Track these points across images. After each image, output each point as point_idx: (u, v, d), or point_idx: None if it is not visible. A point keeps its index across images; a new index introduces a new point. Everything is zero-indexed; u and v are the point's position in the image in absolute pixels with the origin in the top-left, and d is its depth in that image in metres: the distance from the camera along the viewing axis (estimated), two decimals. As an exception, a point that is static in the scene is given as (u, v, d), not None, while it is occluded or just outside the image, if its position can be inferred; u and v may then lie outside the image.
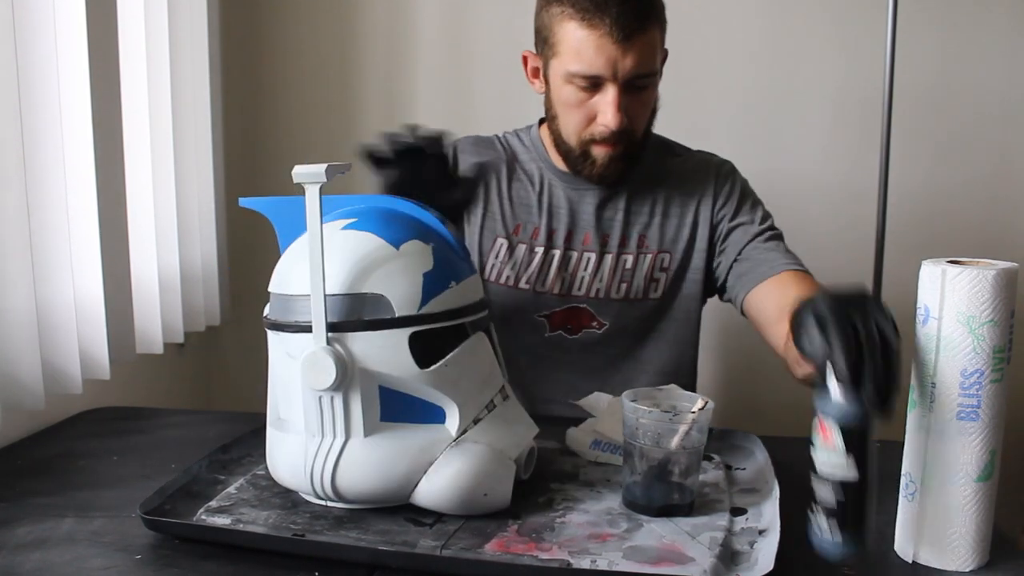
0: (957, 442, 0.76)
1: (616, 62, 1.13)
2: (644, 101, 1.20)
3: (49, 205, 1.19)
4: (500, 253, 1.29)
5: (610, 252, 1.29)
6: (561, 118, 1.22)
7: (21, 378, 1.13)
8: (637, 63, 1.13)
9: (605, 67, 1.13)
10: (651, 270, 1.29)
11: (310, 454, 0.86)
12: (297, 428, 0.88)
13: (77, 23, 1.21)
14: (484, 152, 1.33)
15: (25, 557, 0.81)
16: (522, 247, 1.29)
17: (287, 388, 0.90)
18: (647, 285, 1.29)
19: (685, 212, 1.30)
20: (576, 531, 0.85)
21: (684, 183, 1.31)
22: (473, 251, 1.29)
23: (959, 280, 0.75)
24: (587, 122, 1.19)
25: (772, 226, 1.29)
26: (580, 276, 1.29)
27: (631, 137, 1.20)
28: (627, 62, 1.13)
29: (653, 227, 1.29)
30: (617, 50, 1.12)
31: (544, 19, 1.19)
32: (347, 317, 0.84)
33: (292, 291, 0.87)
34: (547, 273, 1.28)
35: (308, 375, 0.84)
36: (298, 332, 0.86)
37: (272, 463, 0.92)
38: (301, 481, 0.88)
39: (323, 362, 0.83)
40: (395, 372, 0.85)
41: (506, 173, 1.32)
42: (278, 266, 0.91)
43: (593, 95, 1.17)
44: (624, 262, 1.29)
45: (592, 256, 1.29)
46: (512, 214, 1.30)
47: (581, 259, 1.29)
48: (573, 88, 1.17)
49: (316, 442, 0.86)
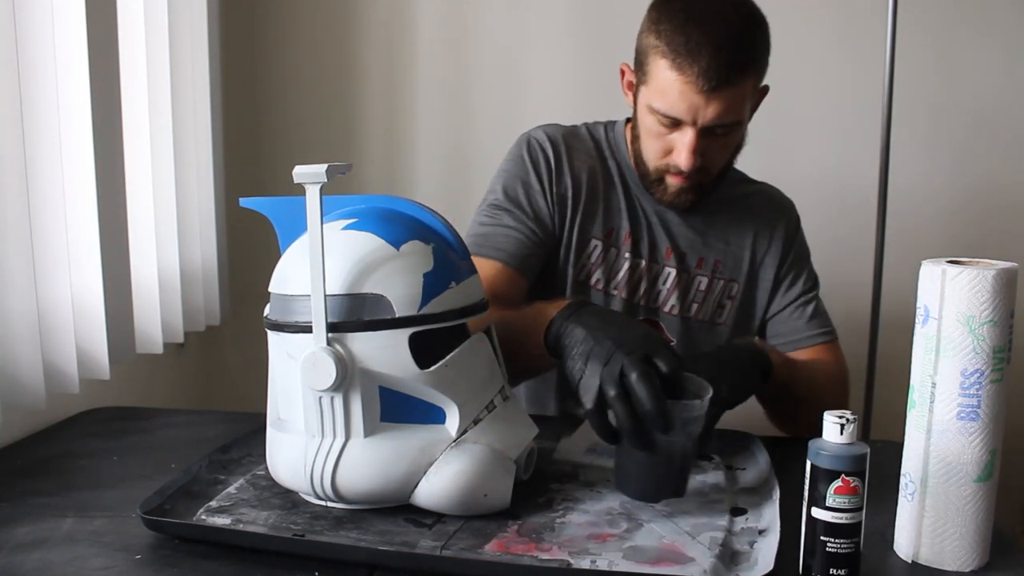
0: (957, 442, 0.77)
1: (698, 110, 1.11)
2: (726, 144, 1.18)
3: (49, 205, 1.19)
4: (594, 255, 1.26)
5: (687, 271, 1.28)
6: (643, 141, 1.21)
7: (21, 378, 1.13)
8: (719, 114, 1.11)
9: (686, 113, 1.11)
10: (721, 295, 1.29)
11: (310, 454, 0.86)
12: (297, 428, 0.88)
13: (77, 23, 1.21)
14: (577, 145, 1.29)
15: (25, 557, 0.81)
16: (613, 251, 1.26)
17: (287, 388, 0.90)
18: (715, 310, 1.29)
19: (758, 247, 1.30)
20: (576, 531, 0.84)
21: (756, 216, 1.31)
22: (567, 248, 1.26)
23: (959, 280, 0.75)
24: (664, 154, 1.18)
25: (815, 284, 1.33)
26: (659, 290, 1.27)
27: (706, 175, 1.19)
28: (709, 112, 1.11)
29: (727, 254, 1.29)
30: (701, 99, 1.10)
31: (642, 44, 1.16)
32: (347, 317, 0.84)
33: (292, 291, 0.87)
34: (637, 282, 1.27)
35: (308, 375, 0.84)
36: (298, 332, 0.86)
37: (272, 463, 0.92)
38: (301, 481, 0.88)
39: (323, 362, 0.83)
40: (395, 372, 0.84)
41: (601, 171, 1.28)
42: (278, 266, 0.91)
43: (672, 131, 1.15)
44: (699, 283, 1.28)
45: (672, 272, 1.27)
46: (605, 216, 1.27)
47: (662, 272, 1.27)
48: (655, 120, 1.15)
49: (316, 442, 0.86)
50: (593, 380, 0.88)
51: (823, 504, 0.74)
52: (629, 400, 0.85)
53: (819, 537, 0.74)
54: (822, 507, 0.74)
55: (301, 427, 0.87)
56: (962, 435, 0.76)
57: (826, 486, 0.73)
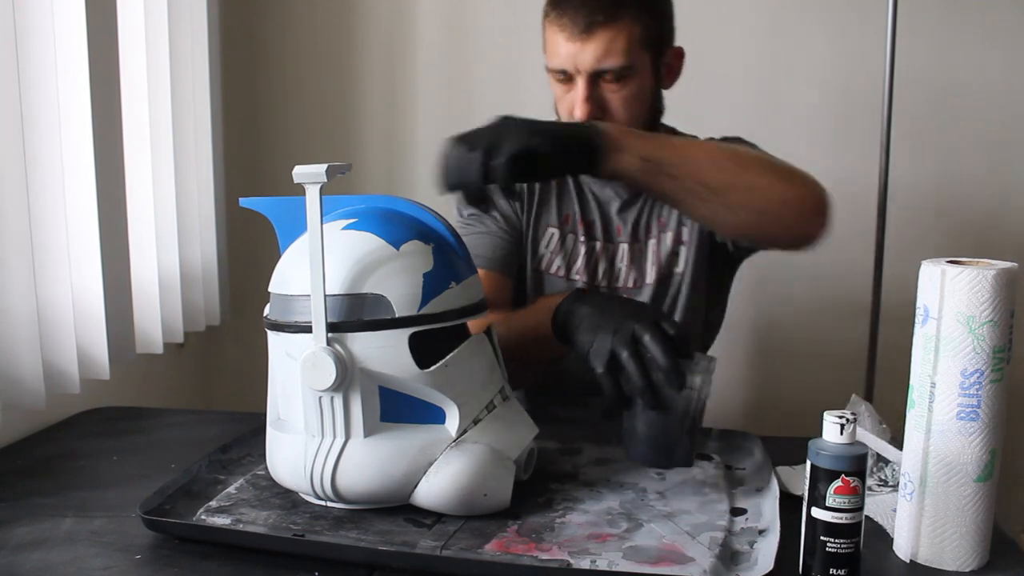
0: (957, 442, 0.77)
1: (577, 55, 1.15)
2: (624, 96, 1.18)
3: (49, 205, 1.19)
4: (552, 242, 1.29)
5: (639, 241, 1.29)
6: (556, 111, 1.24)
7: (21, 378, 1.13)
8: (598, 56, 1.14)
9: (567, 61, 1.16)
10: (674, 245, 1.29)
11: (310, 454, 0.86)
12: (297, 428, 0.88)
13: (77, 24, 1.21)
14: None
15: (25, 557, 0.81)
16: (571, 237, 1.29)
17: (287, 388, 0.89)
18: (670, 259, 1.29)
19: None
20: (576, 531, 0.84)
21: None
22: (526, 239, 1.30)
23: (959, 280, 0.75)
24: (568, 116, 1.20)
25: None
26: (617, 268, 1.29)
27: None
28: (587, 55, 1.15)
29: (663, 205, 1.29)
30: (576, 45, 1.15)
31: (542, 22, 1.22)
32: (347, 317, 0.84)
33: (292, 291, 0.87)
34: (595, 265, 1.29)
35: (308, 375, 0.84)
36: (298, 332, 0.86)
37: (272, 463, 0.92)
38: (301, 481, 0.88)
39: (323, 362, 0.83)
40: (395, 372, 0.84)
41: None
42: (278, 266, 0.91)
43: (570, 89, 1.19)
44: (651, 247, 1.29)
45: (625, 246, 1.29)
46: (560, 204, 1.30)
47: (618, 251, 1.29)
48: (554, 82, 1.21)
49: (316, 442, 0.86)
50: (604, 345, 0.94)
51: (823, 504, 0.74)
52: (642, 360, 0.92)
53: (819, 537, 0.74)
54: (822, 507, 0.74)
55: (301, 427, 0.87)
56: (962, 435, 0.76)
57: (826, 486, 0.73)
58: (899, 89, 1.67)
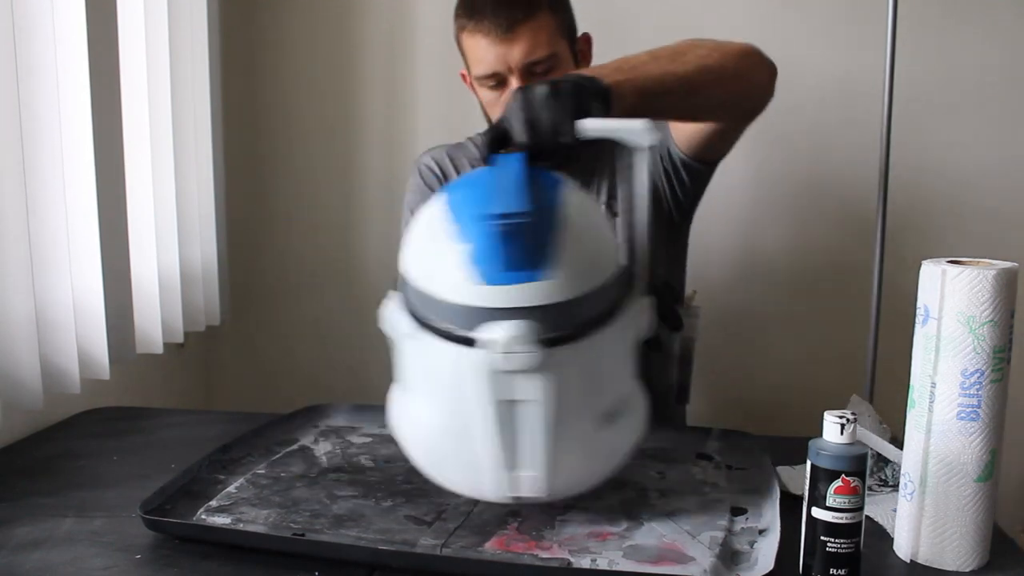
0: (957, 442, 0.77)
1: (506, 55, 1.19)
2: None
3: (48, 205, 1.19)
4: None
5: None
6: (489, 119, 1.27)
7: (20, 378, 1.13)
8: (527, 51, 1.18)
9: (498, 62, 1.19)
10: None
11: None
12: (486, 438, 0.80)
13: (77, 23, 1.21)
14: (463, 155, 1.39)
15: (25, 557, 0.81)
16: None
17: (461, 399, 0.80)
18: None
19: None
20: (576, 530, 0.85)
21: None
22: None
23: (959, 280, 0.75)
24: None
25: None
26: None
27: None
28: (516, 53, 1.18)
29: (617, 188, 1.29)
30: (504, 46, 1.18)
31: (455, 37, 1.26)
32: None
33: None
34: None
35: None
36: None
37: (441, 472, 0.87)
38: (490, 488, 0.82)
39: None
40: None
41: None
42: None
43: (503, 92, 1.22)
44: None
45: None
46: None
47: None
48: (485, 90, 1.24)
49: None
50: None
51: (823, 504, 0.74)
52: None
53: (819, 537, 0.74)
54: (822, 507, 0.74)
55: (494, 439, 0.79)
56: (962, 435, 0.76)
57: (826, 486, 0.73)
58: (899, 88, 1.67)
